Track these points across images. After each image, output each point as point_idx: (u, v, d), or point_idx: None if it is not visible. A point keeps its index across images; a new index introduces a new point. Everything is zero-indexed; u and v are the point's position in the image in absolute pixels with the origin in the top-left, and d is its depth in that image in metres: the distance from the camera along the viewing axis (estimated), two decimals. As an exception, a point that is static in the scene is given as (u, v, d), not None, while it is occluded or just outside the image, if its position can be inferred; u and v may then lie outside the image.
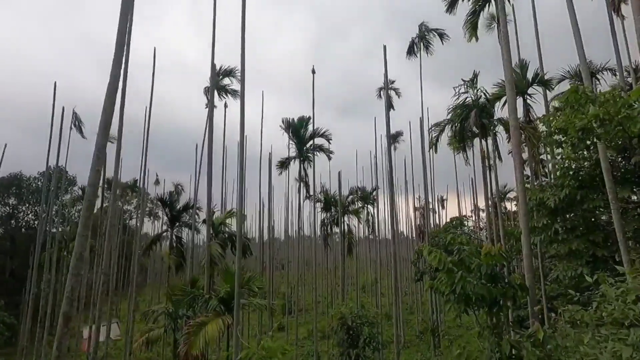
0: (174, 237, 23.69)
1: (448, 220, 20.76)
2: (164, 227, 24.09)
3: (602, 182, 10.82)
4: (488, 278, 7.62)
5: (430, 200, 22.79)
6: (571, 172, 11.16)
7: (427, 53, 23.83)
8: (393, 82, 29.99)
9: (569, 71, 17.79)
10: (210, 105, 16.41)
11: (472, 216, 34.84)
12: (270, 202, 23.09)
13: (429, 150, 15.60)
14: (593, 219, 11.67)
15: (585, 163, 10.75)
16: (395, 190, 25.59)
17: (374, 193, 33.25)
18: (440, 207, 49.63)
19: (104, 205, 23.70)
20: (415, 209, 42.56)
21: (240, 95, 11.33)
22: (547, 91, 16.20)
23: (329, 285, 41.32)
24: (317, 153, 21.46)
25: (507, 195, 28.80)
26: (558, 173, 11.32)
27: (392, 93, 30.55)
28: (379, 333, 11.42)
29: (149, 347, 17.01)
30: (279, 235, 52.10)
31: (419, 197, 43.56)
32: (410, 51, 24.04)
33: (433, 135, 15.59)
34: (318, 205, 28.80)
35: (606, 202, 10.69)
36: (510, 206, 34.89)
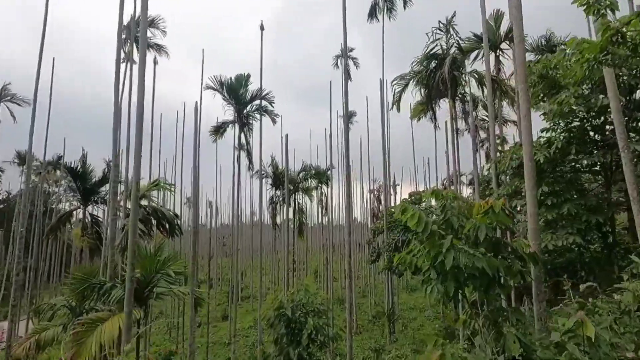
0: (87, 215, 19.40)
1: (404, 198, 18.70)
2: (76, 204, 19.67)
3: (601, 133, 8.79)
4: (488, 246, 5.07)
5: (389, 183, 20.42)
6: (562, 124, 9.06)
7: (389, 17, 21.31)
8: (352, 49, 27.30)
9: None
10: (129, 62, 12.59)
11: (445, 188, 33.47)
12: (216, 183, 19.54)
13: (391, 109, 13.21)
14: (579, 182, 9.76)
15: (583, 113, 8.61)
16: (350, 170, 23.22)
17: (329, 172, 30.69)
18: (393, 192, 48.50)
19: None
20: (370, 191, 40.75)
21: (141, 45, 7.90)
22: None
23: (281, 270, 38.60)
24: (260, 115, 18.16)
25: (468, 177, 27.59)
26: (548, 124, 9.17)
27: (350, 63, 27.86)
28: (327, 325, 8.55)
29: (39, 351, 13.06)
30: (226, 218, 48.24)
31: (375, 179, 41.82)
32: (373, 13, 21.36)
33: (396, 90, 13.09)
34: (269, 187, 25.67)
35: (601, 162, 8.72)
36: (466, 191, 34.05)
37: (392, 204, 41.06)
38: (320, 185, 30.00)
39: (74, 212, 20.09)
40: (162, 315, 34.21)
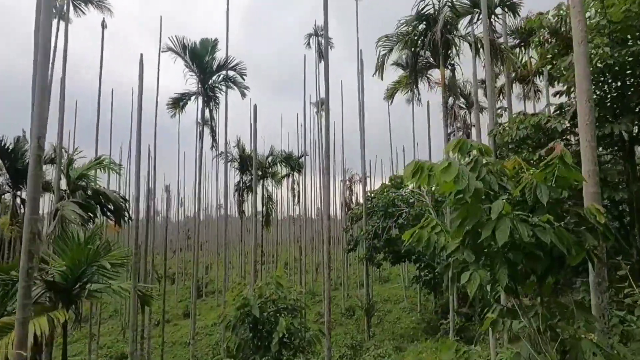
0: (17, 201, 16.35)
1: (383, 183, 17.22)
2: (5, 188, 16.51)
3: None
4: (554, 214, 3.36)
5: (366, 172, 18.83)
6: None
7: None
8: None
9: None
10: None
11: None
12: (178, 171, 17.08)
13: (373, 75, 11.52)
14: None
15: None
16: (330, 145, 21.47)
17: (301, 160, 28.81)
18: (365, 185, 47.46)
19: None
20: (342, 181, 39.20)
21: None
22: (511, 17, 12.97)
23: (249, 264, 36.33)
24: (226, 88, 15.82)
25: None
26: (563, 87, 7.72)
27: (324, 44, 25.87)
28: (304, 326, 6.69)
29: None
30: (190, 210, 45.21)
31: (348, 168, 40.40)
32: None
33: (381, 53, 11.37)
34: (235, 171, 23.33)
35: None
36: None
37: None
38: (292, 172, 28.04)
39: (1, 197, 16.93)
40: (117, 313, 31.06)
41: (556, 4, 8.52)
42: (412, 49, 11.37)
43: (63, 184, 13.91)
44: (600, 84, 7.64)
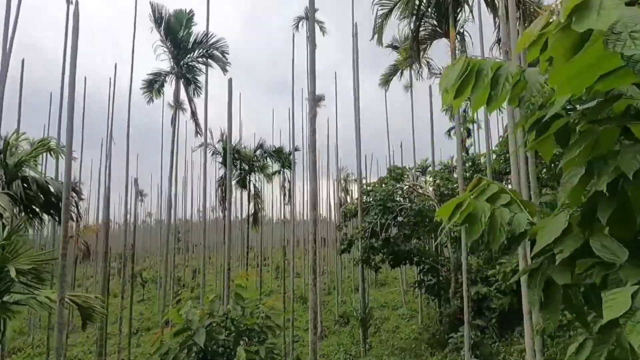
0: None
1: (381, 176, 15.17)
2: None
3: None
4: None
5: (362, 169, 16.42)
6: None
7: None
8: (316, 10, 23.35)
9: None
10: None
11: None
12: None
13: (371, 39, 9.53)
14: None
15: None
16: (316, 138, 19.37)
17: (291, 156, 26.73)
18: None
19: None
20: (337, 180, 37.10)
21: None
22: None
23: (237, 267, 34.05)
24: (205, 66, 13.66)
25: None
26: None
27: (317, 29, 23.88)
28: (276, 354, 4.42)
29: None
30: (180, 212, 42.92)
31: (343, 167, 38.41)
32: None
33: (379, 14, 9.37)
34: (219, 165, 21.20)
35: None
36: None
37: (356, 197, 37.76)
38: (282, 169, 25.95)
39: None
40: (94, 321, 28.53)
41: None
42: (415, 10, 9.36)
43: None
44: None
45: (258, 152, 20.09)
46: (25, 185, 10.90)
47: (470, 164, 15.80)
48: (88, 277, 41.85)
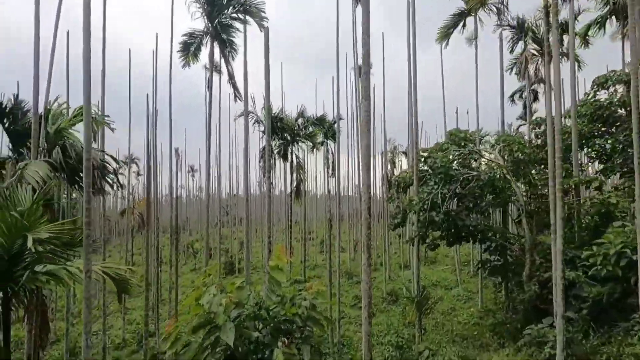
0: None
1: (437, 143, 13.10)
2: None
3: None
4: None
5: (415, 120, 13.89)
6: None
7: None
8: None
9: None
10: None
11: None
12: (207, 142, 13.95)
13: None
14: None
15: None
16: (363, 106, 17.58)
17: (335, 125, 25.15)
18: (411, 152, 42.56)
19: None
20: (382, 153, 34.99)
21: None
22: None
23: (285, 241, 33.90)
24: (244, 24, 12.20)
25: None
26: None
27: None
28: (324, 351, 3.06)
29: None
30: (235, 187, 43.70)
31: (390, 139, 36.21)
32: None
33: None
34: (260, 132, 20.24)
35: None
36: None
37: (402, 169, 35.44)
38: (326, 140, 24.50)
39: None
40: (152, 286, 30.01)
41: None
42: None
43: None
44: None
45: (300, 121, 18.77)
46: (66, 153, 10.54)
47: (541, 129, 13.21)
48: (144, 248, 44.46)
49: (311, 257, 34.71)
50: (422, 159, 11.84)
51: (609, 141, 12.08)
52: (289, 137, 18.27)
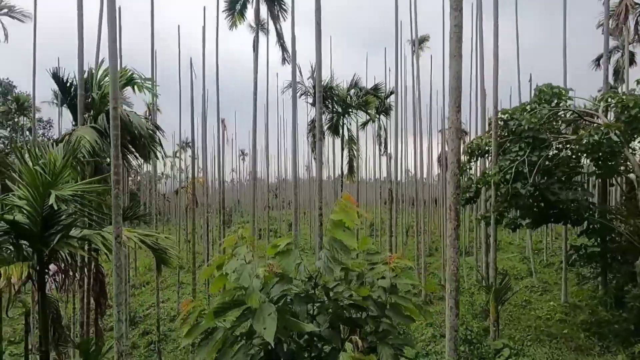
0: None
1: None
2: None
3: None
4: None
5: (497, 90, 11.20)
6: None
7: None
8: None
9: None
10: None
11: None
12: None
13: None
14: None
15: None
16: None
17: (389, 99, 23.19)
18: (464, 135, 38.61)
19: None
20: (440, 131, 32.08)
21: None
22: None
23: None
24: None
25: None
26: None
27: None
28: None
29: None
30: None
31: (446, 116, 33.06)
32: None
33: None
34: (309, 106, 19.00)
35: None
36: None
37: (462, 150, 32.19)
38: (378, 117, 22.65)
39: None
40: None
41: None
42: None
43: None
44: None
45: (352, 92, 17.17)
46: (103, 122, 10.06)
47: None
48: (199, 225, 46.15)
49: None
50: (502, 122, 9.76)
51: None
52: (340, 109, 16.78)
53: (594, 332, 9.24)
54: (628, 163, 9.01)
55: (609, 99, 9.66)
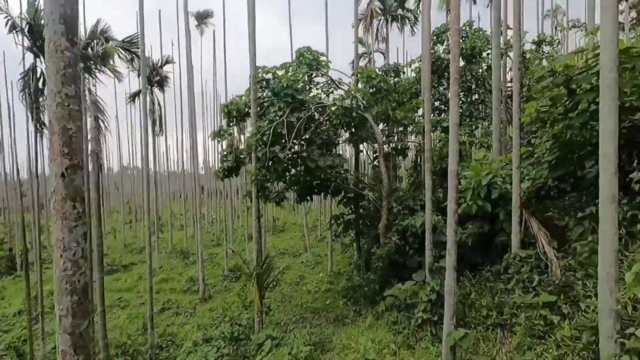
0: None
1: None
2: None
3: None
4: None
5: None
6: None
7: None
8: None
9: None
10: None
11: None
12: None
13: None
14: None
15: None
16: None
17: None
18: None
19: None
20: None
21: None
22: None
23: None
24: None
25: None
26: None
27: None
28: None
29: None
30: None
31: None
32: None
33: None
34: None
35: None
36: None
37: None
38: (150, 87, 18.31)
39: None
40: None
41: None
42: None
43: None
44: None
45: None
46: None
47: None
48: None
49: (138, 238, 27.89)
50: (265, 82, 8.41)
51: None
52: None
53: (350, 298, 9.28)
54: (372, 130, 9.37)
55: (358, 75, 9.95)
